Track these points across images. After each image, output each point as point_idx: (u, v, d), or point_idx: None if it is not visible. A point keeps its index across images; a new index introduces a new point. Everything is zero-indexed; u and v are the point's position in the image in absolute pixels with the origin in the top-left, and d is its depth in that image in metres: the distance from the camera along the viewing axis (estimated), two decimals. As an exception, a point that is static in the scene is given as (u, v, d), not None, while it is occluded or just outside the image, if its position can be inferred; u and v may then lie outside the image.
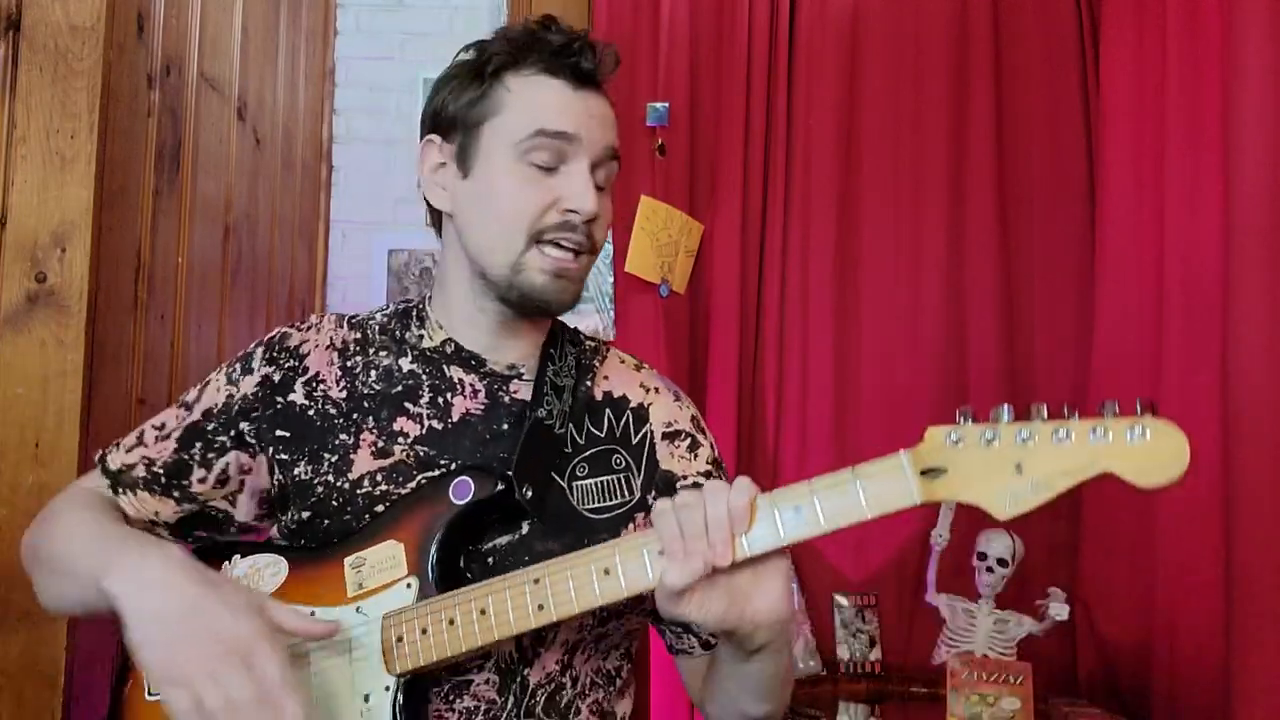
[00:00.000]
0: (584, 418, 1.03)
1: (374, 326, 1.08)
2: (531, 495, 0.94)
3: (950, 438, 0.76)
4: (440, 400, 1.02)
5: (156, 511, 1.04)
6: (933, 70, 2.23)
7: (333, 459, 0.99)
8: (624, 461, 1.02)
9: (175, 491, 1.03)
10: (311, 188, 2.25)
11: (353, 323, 1.08)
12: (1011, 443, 0.74)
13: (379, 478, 0.98)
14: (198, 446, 1.03)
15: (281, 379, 1.03)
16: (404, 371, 1.03)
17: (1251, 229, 1.58)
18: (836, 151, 2.24)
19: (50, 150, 1.29)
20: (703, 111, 2.20)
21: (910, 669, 2.10)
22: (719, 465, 1.08)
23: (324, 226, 2.29)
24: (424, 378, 1.03)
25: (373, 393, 1.02)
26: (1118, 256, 2.01)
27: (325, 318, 1.09)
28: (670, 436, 1.05)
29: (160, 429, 1.05)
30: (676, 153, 2.16)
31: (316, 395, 1.03)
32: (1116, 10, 2.05)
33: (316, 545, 0.98)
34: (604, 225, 1.01)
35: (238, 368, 1.05)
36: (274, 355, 1.05)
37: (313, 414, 1.02)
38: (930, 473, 0.76)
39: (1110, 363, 1.99)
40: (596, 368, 1.08)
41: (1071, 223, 2.16)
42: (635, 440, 1.04)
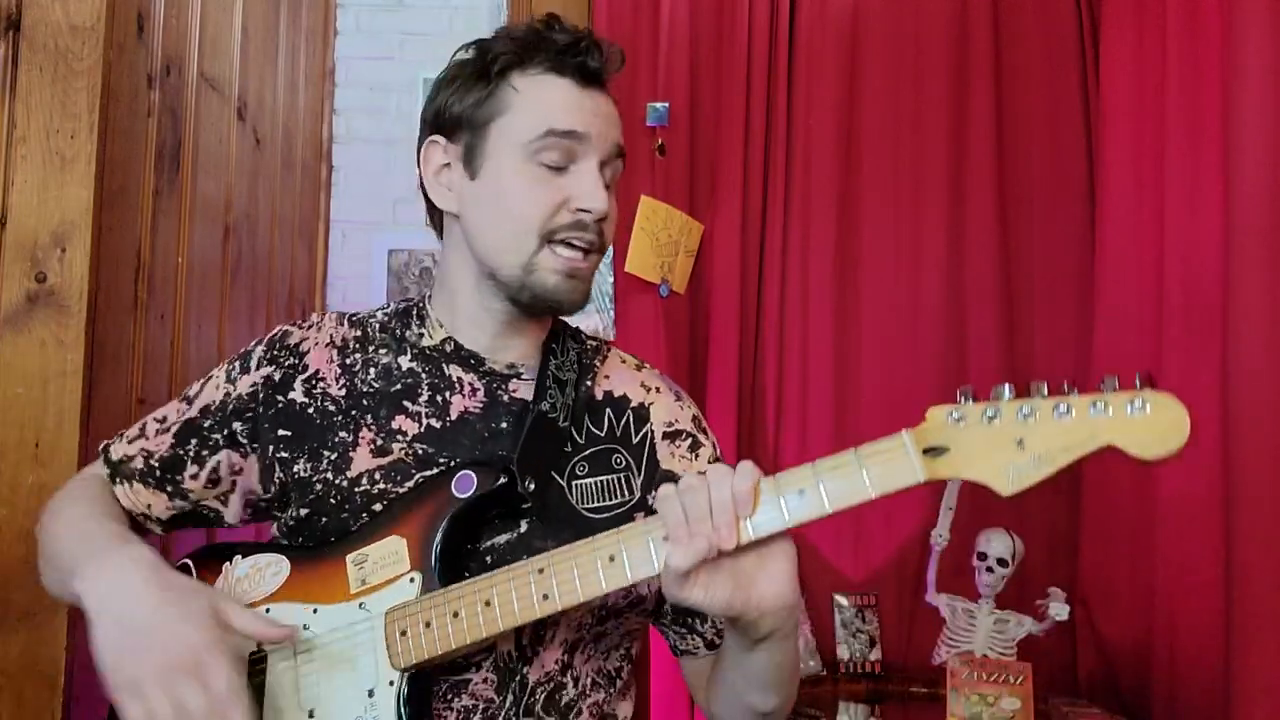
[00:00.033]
0: (584, 417, 1.03)
1: (374, 324, 1.08)
2: (534, 488, 0.94)
3: (952, 416, 0.76)
4: (439, 399, 1.01)
5: (149, 505, 1.05)
6: (933, 70, 2.23)
7: (332, 456, 0.99)
8: (624, 461, 1.02)
9: (168, 486, 1.04)
10: (311, 188, 2.25)
11: (353, 320, 1.08)
12: (1013, 419, 0.74)
13: (377, 476, 0.98)
14: (193, 443, 1.03)
15: (282, 378, 1.04)
16: (403, 370, 1.03)
17: (1251, 229, 1.58)
18: (836, 151, 2.24)
19: (50, 150, 1.29)
20: (703, 111, 2.20)
21: (910, 669, 2.10)
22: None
23: (324, 226, 2.29)
24: (423, 376, 1.03)
25: (372, 390, 1.02)
26: (1118, 256, 2.01)
27: (326, 316, 1.09)
28: (671, 436, 1.05)
29: (161, 422, 1.06)
30: (676, 153, 2.16)
31: (316, 393, 1.03)
32: (1116, 10, 2.05)
33: (317, 543, 0.98)
34: (612, 224, 1.01)
35: (237, 366, 1.06)
36: (274, 354, 1.05)
37: (313, 412, 1.02)
38: (933, 451, 0.76)
39: (1110, 363, 1.99)
40: (598, 367, 1.08)
41: (1071, 223, 2.17)
42: (636, 440, 1.04)
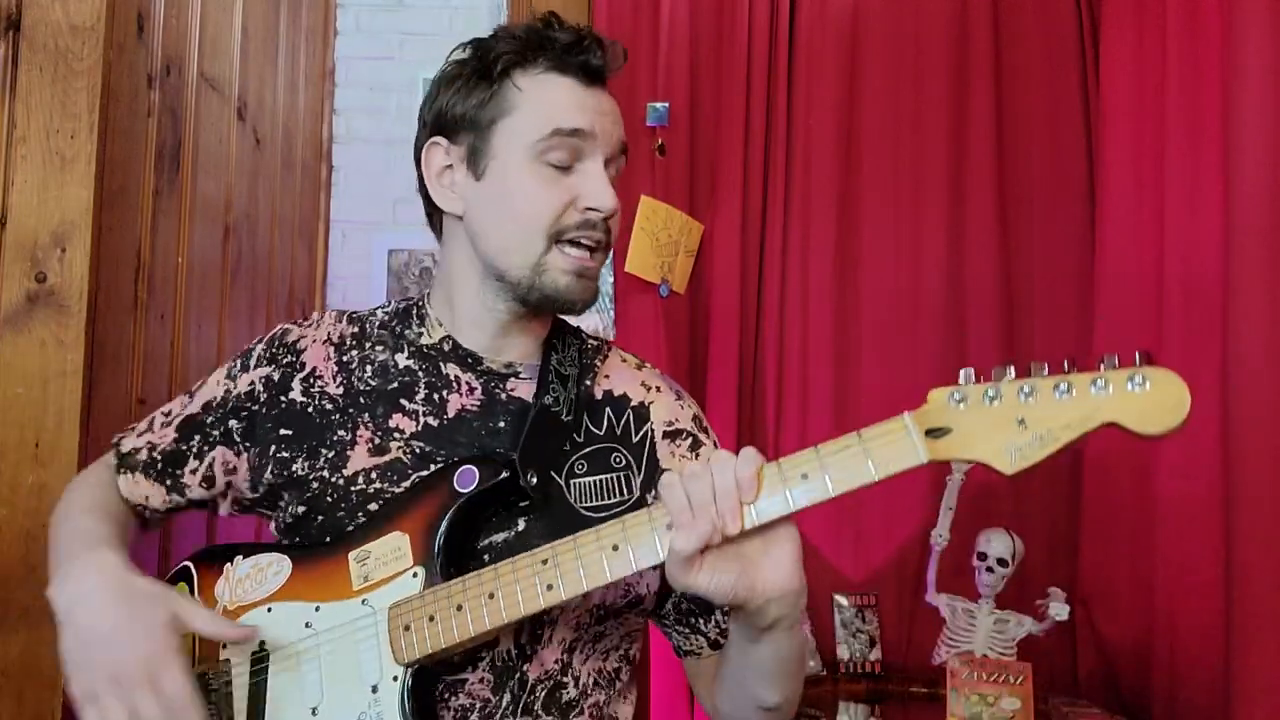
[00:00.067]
0: (584, 415, 1.03)
1: (374, 322, 1.08)
2: (535, 482, 0.94)
3: (953, 398, 0.77)
4: (436, 396, 1.01)
5: (146, 496, 1.06)
6: (933, 70, 2.23)
7: (329, 455, 1.00)
8: (624, 460, 1.02)
9: (168, 480, 1.05)
10: (311, 188, 2.24)
11: (353, 318, 1.09)
12: (1014, 399, 0.74)
13: (373, 475, 0.98)
14: (195, 439, 1.05)
15: (280, 377, 1.04)
16: (400, 368, 1.03)
17: (1251, 229, 1.58)
18: (836, 151, 2.24)
19: (50, 150, 1.29)
20: (703, 111, 2.20)
21: (910, 669, 2.10)
22: None
23: (324, 226, 2.29)
24: (420, 375, 1.03)
25: (369, 388, 1.03)
26: (1118, 256, 2.01)
27: (327, 314, 1.10)
28: (671, 436, 1.05)
29: (166, 416, 1.08)
30: (676, 153, 2.15)
31: (314, 392, 1.03)
32: (1116, 10, 2.05)
33: (316, 542, 0.98)
34: (618, 221, 1.01)
35: (238, 364, 1.07)
36: (274, 352, 1.06)
37: (312, 411, 1.02)
38: (935, 432, 0.77)
39: (1110, 363, 1.99)
40: (598, 367, 1.08)
41: (1071, 223, 2.17)
42: (636, 439, 1.04)
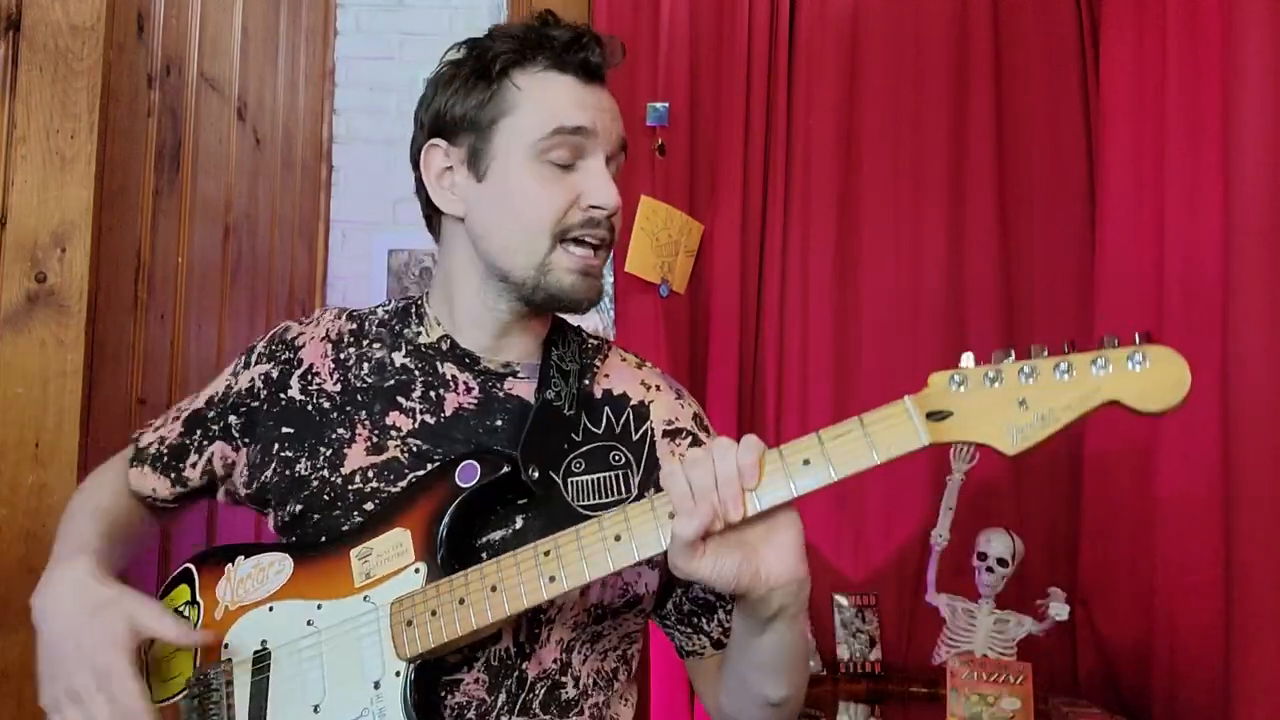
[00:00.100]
0: (583, 414, 1.03)
1: (374, 320, 1.08)
2: (537, 477, 0.94)
3: (954, 380, 0.77)
4: (433, 394, 1.02)
5: (154, 488, 1.09)
6: (933, 70, 2.23)
7: (327, 453, 1.00)
8: (623, 458, 1.02)
9: (171, 473, 1.08)
10: (311, 188, 2.24)
11: (353, 316, 1.09)
12: (1014, 381, 0.74)
13: (370, 474, 0.98)
14: (196, 433, 1.08)
15: (279, 374, 1.05)
16: (396, 366, 1.04)
17: (1251, 229, 1.58)
18: (836, 151, 2.24)
19: (50, 150, 1.29)
20: (703, 111, 2.20)
21: (910, 669, 2.10)
22: None
23: (324, 226, 2.29)
24: (416, 373, 1.03)
25: (365, 385, 1.03)
26: (1118, 256, 2.00)
27: (328, 311, 1.10)
28: (671, 434, 1.05)
29: (179, 411, 1.11)
30: (676, 153, 2.15)
31: (311, 389, 1.04)
32: (1116, 10, 2.05)
33: (315, 541, 0.98)
34: (619, 218, 1.01)
35: (242, 361, 1.09)
36: (273, 349, 1.07)
37: (311, 409, 1.03)
38: (936, 415, 0.77)
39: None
40: (597, 366, 1.08)
41: (1071, 223, 2.16)
42: (635, 437, 1.04)
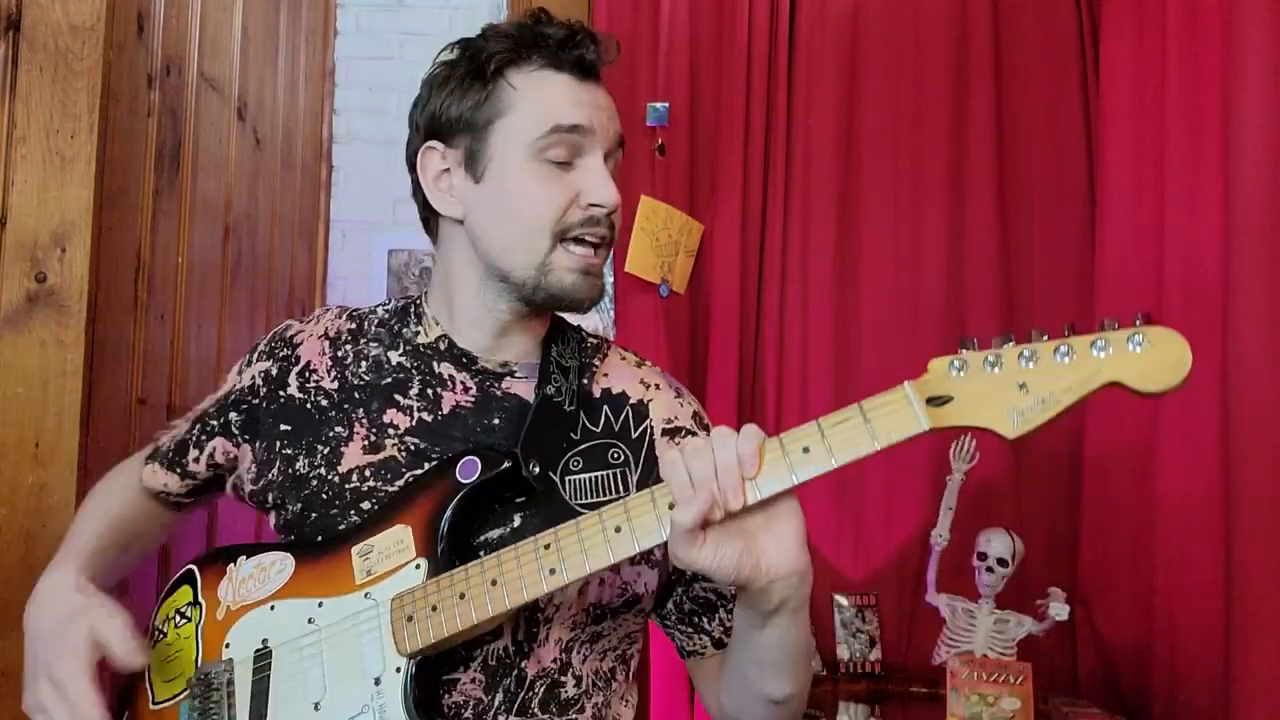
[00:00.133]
0: (581, 412, 1.02)
1: (373, 319, 1.09)
2: (538, 472, 0.94)
3: (954, 365, 0.76)
4: (430, 393, 1.02)
5: (165, 484, 1.11)
6: (933, 70, 2.23)
7: (325, 451, 1.00)
8: (622, 456, 1.01)
9: (178, 469, 1.11)
10: (311, 188, 2.24)
11: (353, 314, 1.10)
12: (1015, 364, 0.74)
13: (367, 473, 0.98)
14: (198, 429, 1.10)
15: (278, 372, 1.06)
16: (393, 364, 1.04)
17: (1251, 229, 1.58)
18: (836, 151, 2.24)
19: (50, 150, 1.29)
20: (703, 111, 2.20)
21: (910, 669, 2.10)
22: None
23: (324, 226, 2.29)
24: (413, 372, 1.03)
25: (362, 383, 1.03)
26: (1118, 256, 2.00)
27: (328, 309, 1.11)
28: (671, 433, 1.05)
29: (194, 410, 1.14)
30: (676, 153, 2.15)
31: (309, 387, 1.04)
32: (1116, 10, 2.05)
33: (314, 540, 0.98)
34: (619, 216, 1.01)
35: (246, 359, 1.10)
36: (273, 347, 1.08)
37: (309, 407, 1.03)
38: (936, 400, 0.76)
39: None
40: (596, 365, 1.07)
41: (1071, 223, 2.16)
42: (634, 435, 1.03)
